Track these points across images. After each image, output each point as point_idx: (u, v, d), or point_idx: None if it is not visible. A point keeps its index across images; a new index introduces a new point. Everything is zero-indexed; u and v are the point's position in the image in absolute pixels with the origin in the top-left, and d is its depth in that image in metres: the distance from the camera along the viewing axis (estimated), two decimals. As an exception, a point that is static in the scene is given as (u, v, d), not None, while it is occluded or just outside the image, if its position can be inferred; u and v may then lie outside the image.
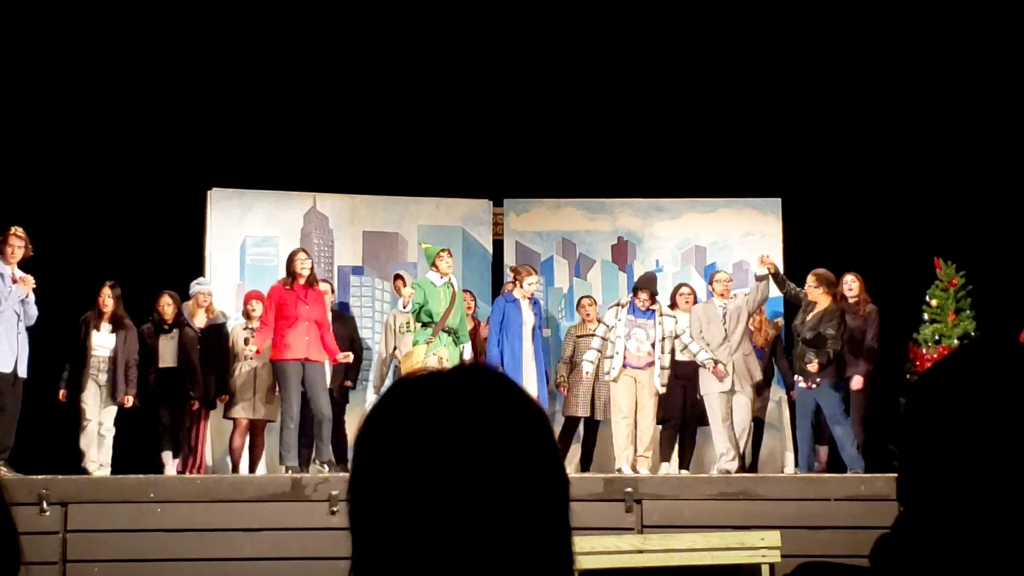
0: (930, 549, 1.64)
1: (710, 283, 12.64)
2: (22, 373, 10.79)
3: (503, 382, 1.57)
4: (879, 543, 1.72)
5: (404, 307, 12.18)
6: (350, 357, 12.07)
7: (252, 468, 12.42)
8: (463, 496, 1.46)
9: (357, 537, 1.52)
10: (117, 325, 11.77)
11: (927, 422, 1.68)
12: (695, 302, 12.84)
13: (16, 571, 1.80)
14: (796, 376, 11.77)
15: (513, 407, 1.54)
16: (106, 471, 11.51)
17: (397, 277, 13.34)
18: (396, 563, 1.47)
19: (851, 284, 12.13)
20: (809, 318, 11.69)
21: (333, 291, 13.08)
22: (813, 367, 11.38)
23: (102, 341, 11.73)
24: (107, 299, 11.77)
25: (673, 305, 12.79)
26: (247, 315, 12.76)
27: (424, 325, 11.93)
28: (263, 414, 12.52)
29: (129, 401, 11.71)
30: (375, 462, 1.52)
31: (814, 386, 11.46)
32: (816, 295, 11.75)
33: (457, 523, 1.45)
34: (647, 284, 12.34)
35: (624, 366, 11.96)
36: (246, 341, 12.20)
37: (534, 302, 12.45)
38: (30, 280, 10.78)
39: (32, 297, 10.82)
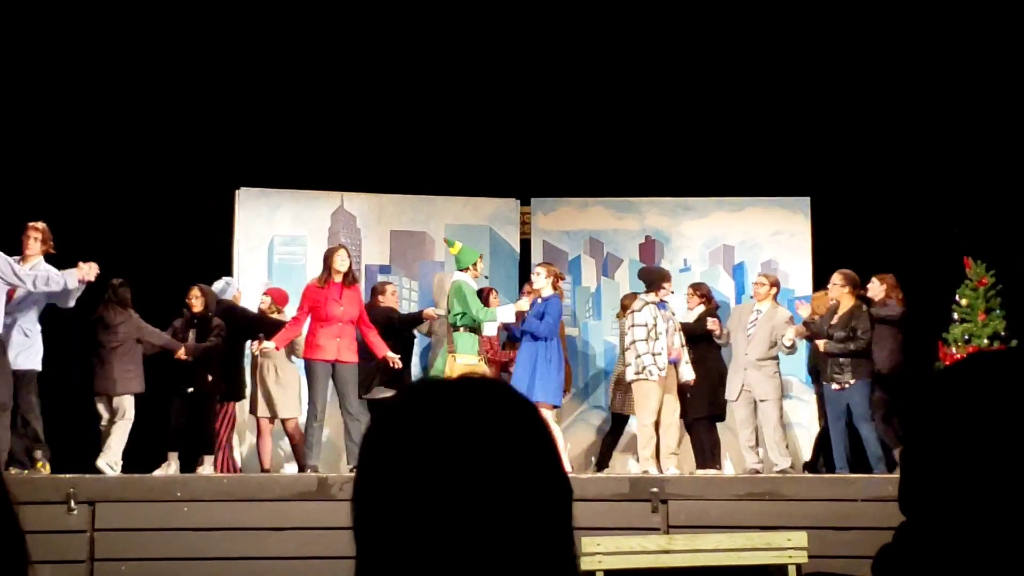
0: (932, 560, 1.63)
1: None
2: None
3: (505, 392, 1.59)
4: (881, 553, 1.71)
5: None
6: (398, 363, 11.90)
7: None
8: (465, 501, 1.48)
9: (360, 539, 1.54)
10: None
11: (930, 431, 1.68)
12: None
13: (25, 572, 1.81)
14: (827, 380, 11.78)
15: (514, 416, 1.56)
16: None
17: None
18: (398, 566, 1.48)
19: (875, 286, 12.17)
20: (836, 319, 11.73)
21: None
22: (823, 346, 11.61)
23: None
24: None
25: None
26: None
27: (455, 328, 11.84)
28: (292, 412, 12.50)
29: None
30: (379, 466, 1.54)
31: (847, 387, 11.53)
32: (841, 294, 11.82)
33: (459, 527, 1.47)
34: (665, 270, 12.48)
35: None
36: (259, 338, 12.14)
37: (533, 303, 12.20)
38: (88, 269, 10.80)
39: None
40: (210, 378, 12.06)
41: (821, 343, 11.76)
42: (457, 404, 1.55)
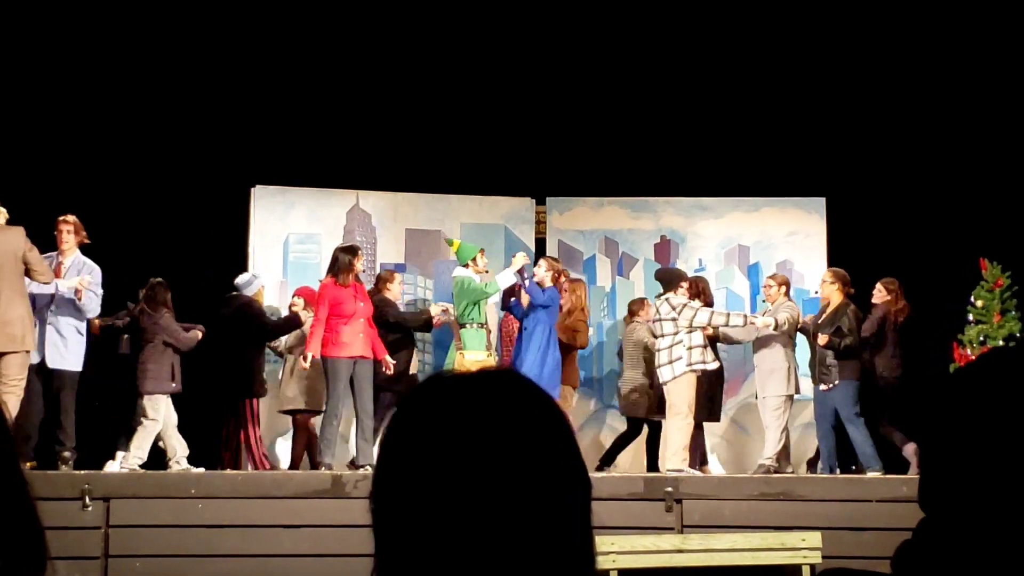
0: (952, 556, 1.62)
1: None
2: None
3: (524, 384, 1.58)
4: (901, 549, 1.70)
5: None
6: (391, 368, 11.79)
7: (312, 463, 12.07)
8: (485, 496, 1.48)
9: (380, 535, 1.53)
10: None
11: (949, 428, 1.67)
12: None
13: (43, 567, 1.81)
14: (816, 381, 11.81)
15: (535, 410, 1.55)
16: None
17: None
18: (418, 562, 1.48)
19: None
20: (824, 317, 11.90)
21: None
22: (823, 340, 11.58)
23: None
24: None
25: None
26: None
27: (462, 326, 11.86)
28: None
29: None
30: (398, 461, 1.53)
31: (833, 386, 11.56)
32: (830, 291, 11.92)
33: (479, 523, 1.47)
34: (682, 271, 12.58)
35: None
36: (301, 353, 11.74)
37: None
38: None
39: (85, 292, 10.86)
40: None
41: (822, 338, 11.71)
42: (476, 397, 1.55)
